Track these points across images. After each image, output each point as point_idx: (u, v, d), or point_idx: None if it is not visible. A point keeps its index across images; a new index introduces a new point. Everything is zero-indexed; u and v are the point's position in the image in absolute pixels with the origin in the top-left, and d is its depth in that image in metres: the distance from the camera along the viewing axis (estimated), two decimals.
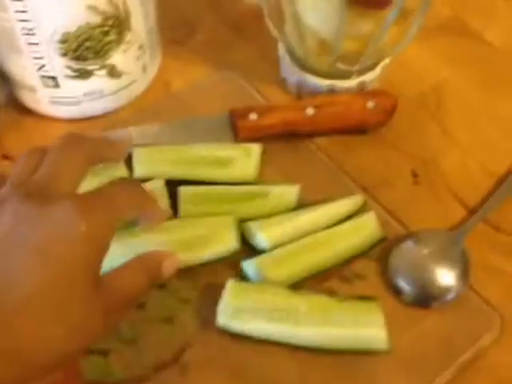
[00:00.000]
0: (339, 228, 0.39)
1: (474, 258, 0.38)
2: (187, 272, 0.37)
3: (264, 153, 0.42)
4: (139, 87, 0.44)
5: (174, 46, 0.49)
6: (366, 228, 0.39)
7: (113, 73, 0.41)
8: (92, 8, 0.36)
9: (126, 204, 0.30)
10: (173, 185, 0.39)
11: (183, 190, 0.39)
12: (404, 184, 0.42)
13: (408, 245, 0.39)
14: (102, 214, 0.28)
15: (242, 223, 0.38)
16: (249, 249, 0.38)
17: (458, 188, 0.42)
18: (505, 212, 0.41)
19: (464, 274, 0.38)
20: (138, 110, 0.45)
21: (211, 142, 0.42)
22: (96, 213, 0.28)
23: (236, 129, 0.43)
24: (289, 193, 0.39)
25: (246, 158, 0.41)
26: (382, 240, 0.39)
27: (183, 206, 0.38)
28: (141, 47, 0.42)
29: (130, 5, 0.39)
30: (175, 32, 0.50)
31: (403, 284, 0.38)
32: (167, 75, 0.47)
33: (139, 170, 0.39)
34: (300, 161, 0.43)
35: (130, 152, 0.40)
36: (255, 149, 0.41)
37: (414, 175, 0.43)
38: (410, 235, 0.39)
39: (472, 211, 0.41)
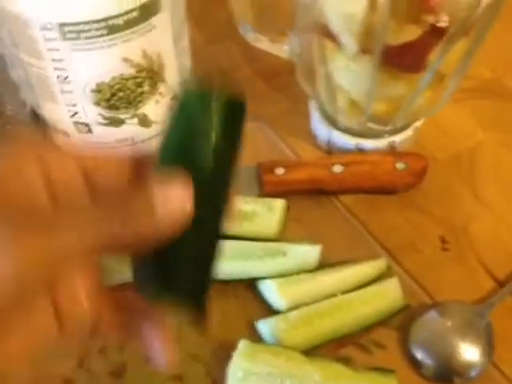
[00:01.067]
0: (360, 293, 0.38)
1: (499, 333, 0.37)
2: (200, 326, 0.36)
3: (288, 209, 0.41)
4: None
5: None
6: (388, 295, 0.38)
7: (144, 122, 0.41)
8: (127, 60, 0.37)
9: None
10: None
11: None
12: (431, 249, 0.41)
13: (431, 315, 0.38)
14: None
15: (259, 280, 0.38)
16: (265, 307, 0.38)
17: (487, 258, 0.41)
18: None
19: (489, 350, 0.36)
20: None
21: (237, 193, 0.42)
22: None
23: (262, 182, 0.42)
24: (310, 253, 0.39)
25: (268, 214, 0.40)
26: (404, 308, 0.38)
27: None
28: (174, 98, 0.42)
29: (165, 58, 0.39)
30: None
31: (424, 357, 0.36)
32: None
33: None
34: (325, 218, 0.42)
35: None
36: (279, 204, 0.41)
37: (443, 241, 0.42)
38: (434, 305, 0.38)
39: (501, 283, 0.39)
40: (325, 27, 0.37)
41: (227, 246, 0.38)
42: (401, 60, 0.37)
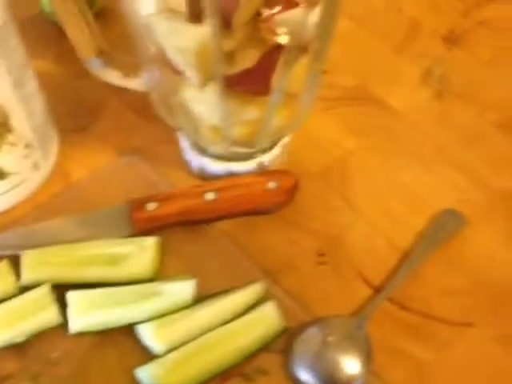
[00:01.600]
0: (237, 324, 0.37)
1: (379, 341, 0.37)
2: (77, 373, 0.35)
3: (162, 245, 0.40)
4: (32, 184, 0.43)
5: (75, 134, 0.48)
6: (266, 321, 0.38)
7: None
8: None
9: None
10: (64, 289, 0.38)
11: (70, 296, 0.37)
12: (309, 265, 0.41)
13: (311, 333, 0.38)
14: None
15: (136, 326, 0.37)
16: (146, 353, 0.36)
17: (363, 266, 0.41)
18: (409, 289, 0.40)
19: (368, 360, 0.37)
20: (35, 206, 0.43)
21: (109, 236, 0.41)
22: None
23: (133, 220, 0.41)
24: (184, 289, 0.38)
25: (140, 253, 0.39)
26: (284, 331, 0.38)
27: (72, 313, 0.37)
28: (28, 146, 0.41)
29: (8, 107, 0.38)
30: (76, 119, 0.49)
31: (307, 377, 0.36)
32: (67, 165, 0.46)
33: (25, 277, 0.38)
34: (202, 248, 0.42)
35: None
36: (150, 242, 0.40)
37: (320, 255, 0.42)
38: (313, 323, 0.38)
39: (377, 290, 0.40)
40: (167, 60, 0.36)
41: (101, 294, 0.38)
42: (245, 85, 0.37)
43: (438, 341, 0.38)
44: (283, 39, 0.35)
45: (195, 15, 0.32)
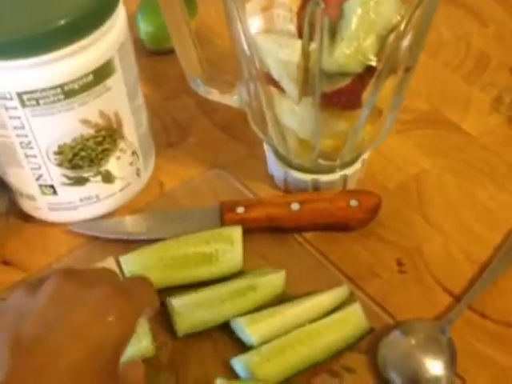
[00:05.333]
0: (325, 321, 0.39)
1: (461, 346, 0.39)
2: (175, 363, 0.37)
3: (244, 238, 0.43)
4: (133, 190, 0.47)
5: (168, 149, 0.52)
6: (352, 320, 0.40)
7: (107, 178, 0.43)
8: (85, 121, 0.39)
9: (145, 301, 0.33)
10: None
11: (174, 303, 0.39)
12: (390, 273, 0.43)
13: (395, 336, 0.39)
14: (132, 306, 0.31)
15: (231, 320, 0.39)
16: (239, 345, 0.39)
17: (442, 276, 0.43)
18: (489, 299, 0.41)
19: (452, 363, 0.38)
20: (134, 210, 0.47)
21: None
22: (129, 303, 0.31)
23: (224, 221, 0.45)
24: (276, 280, 0.41)
25: (229, 247, 0.42)
26: (369, 332, 0.39)
27: (177, 319, 0.39)
28: (134, 153, 0.45)
29: (122, 116, 0.42)
30: (168, 135, 0.53)
31: (393, 376, 0.38)
32: (161, 176, 0.50)
33: None
34: (286, 253, 0.44)
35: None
36: (237, 235, 0.42)
37: (400, 264, 0.44)
38: (397, 326, 0.40)
39: (457, 298, 0.42)
40: (267, 75, 0.40)
41: (201, 298, 0.40)
42: (338, 101, 0.40)
43: None
44: (376, 62, 0.39)
45: (303, 31, 0.35)
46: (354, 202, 0.45)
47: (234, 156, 0.51)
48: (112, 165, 0.43)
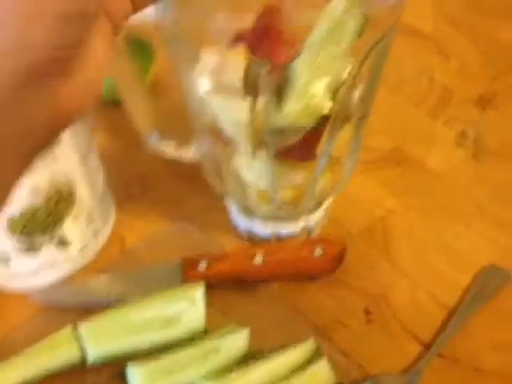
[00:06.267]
0: (291, 381, 0.38)
1: None
2: None
3: (208, 296, 0.42)
4: (91, 251, 0.45)
5: (128, 203, 0.51)
6: (320, 377, 0.38)
7: (62, 243, 0.42)
8: (34, 192, 0.39)
9: None
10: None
11: (133, 370, 0.38)
12: (357, 323, 0.43)
13: None
14: None
15: None
16: None
17: (410, 323, 0.42)
18: (459, 343, 0.40)
19: None
20: (95, 270, 0.46)
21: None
22: None
23: (186, 278, 0.44)
24: (239, 340, 0.40)
25: (191, 307, 0.41)
26: None
27: None
28: (89, 215, 0.44)
29: (74, 180, 0.41)
30: (128, 188, 0.52)
31: None
32: (122, 231, 0.49)
33: (91, 355, 0.39)
34: (250, 306, 0.43)
35: None
36: (199, 294, 0.41)
37: (367, 313, 0.43)
38: (365, 380, 0.39)
39: (426, 346, 0.41)
40: (219, 132, 0.40)
41: (162, 365, 0.39)
42: (293, 153, 0.39)
43: None
44: (329, 111, 0.38)
45: (250, 90, 0.35)
46: (318, 252, 0.44)
47: (198, 208, 0.51)
48: (66, 229, 0.42)
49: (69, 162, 0.40)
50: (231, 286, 0.44)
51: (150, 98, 0.44)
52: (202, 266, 0.44)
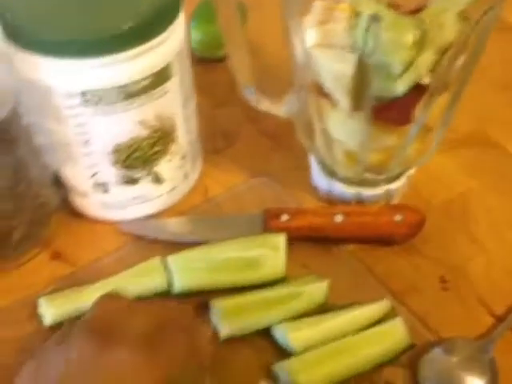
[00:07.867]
0: (367, 334, 0.39)
1: (503, 367, 0.38)
2: (216, 367, 0.38)
3: (289, 248, 0.43)
4: (180, 193, 0.48)
5: (214, 155, 0.53)
6: (394, 335, 0.40)
7: (157, 180, 0.45)
8: (142, 123, 0.41)
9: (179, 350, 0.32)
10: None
11: (216, 304, 0.40)
12: (432, 290, 0.43)
13: (437, 353, 0.39)
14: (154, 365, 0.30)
15: (273, 326, 0.40)
16: (281, 351, 0.39)
17: (485, 295, 0.43)
18: None
19: (493, 383, 0.38)
20: (178, 213, 0.48)
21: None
22: (148, 364, 0.30)
23: (267, 228, 0.45)
24: (319, 289, 0.41)
25: (273, 254, 0.42)
26: (409, 348, 0.39)
27: (221, 321, 0.40)
28: (183, 157, 0.46)
29: (175, 120, 0.43)
30: (215, 142, 0.54)
31: None
32: (206, 182, 0.51)
33: (177, 285, 0.41)
34: (329, 263, 0.45)
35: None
36: (281, 242, 0.43)
37: (443, 281, 0.44)
38: (438, 343, 0.40)
39: (499, 319, 0.41)
40: (320, 86, 0.41)
41: (244, 303, 0.41)
42: (389, 115, 0.40)
43: None
44: (428, 80, 0.39)
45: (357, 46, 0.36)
46: (398, 217, 0.45)
47: (279, 165, 0.52)
48: (162, 167, 0.44)
49: (174, 100, 0.42)
50: (309, 242, 0.45)
51: (249, 54, 0.46)
52: (284, 218, 0.45)
